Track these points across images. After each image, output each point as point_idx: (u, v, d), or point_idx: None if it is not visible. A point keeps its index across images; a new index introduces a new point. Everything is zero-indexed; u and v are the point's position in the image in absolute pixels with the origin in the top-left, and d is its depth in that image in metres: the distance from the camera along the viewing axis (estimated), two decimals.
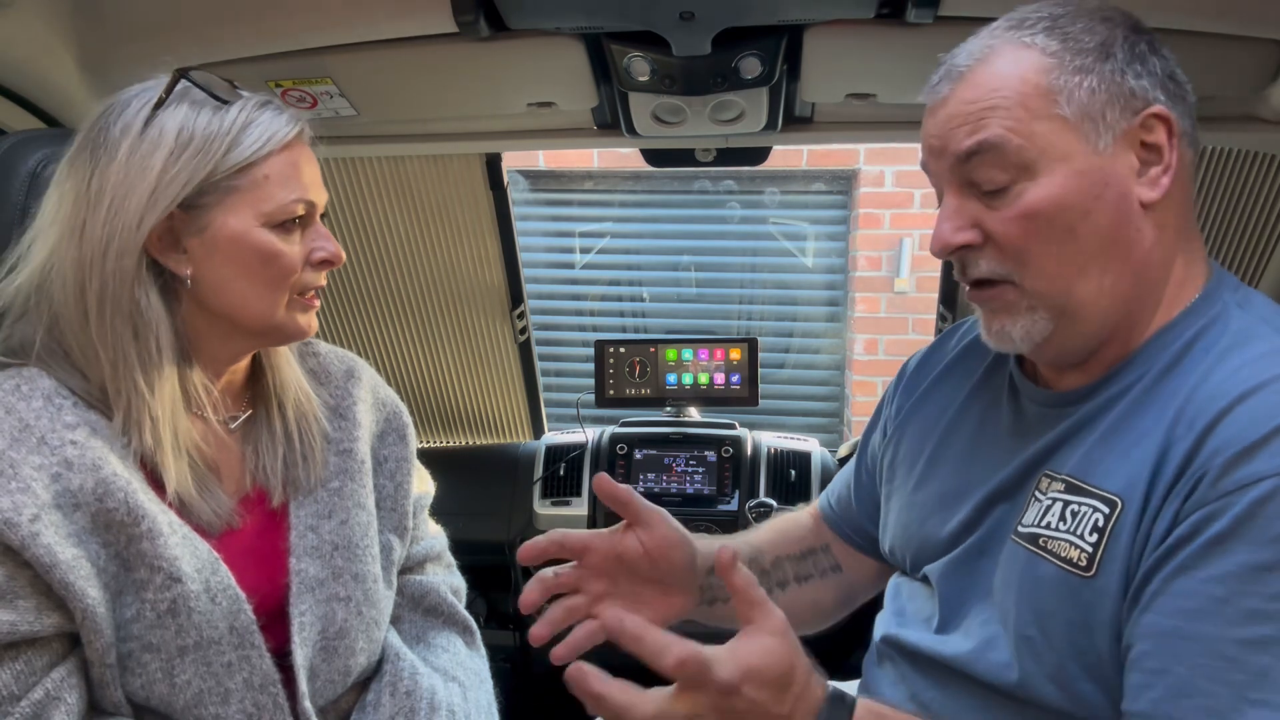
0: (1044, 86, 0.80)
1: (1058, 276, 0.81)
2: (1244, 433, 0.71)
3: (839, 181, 3.40)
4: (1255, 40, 1.15)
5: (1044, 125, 0.79)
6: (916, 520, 1.00)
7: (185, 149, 0.86)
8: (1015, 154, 0.79)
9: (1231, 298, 0.84)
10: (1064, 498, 0.83)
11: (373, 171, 1.85)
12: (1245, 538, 0.69)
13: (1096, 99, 0.80)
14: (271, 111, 0.91)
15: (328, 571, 1.00)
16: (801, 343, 3.50)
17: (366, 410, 1.10)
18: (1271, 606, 0.67)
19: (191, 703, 0.88)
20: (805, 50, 1.26)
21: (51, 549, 0.79)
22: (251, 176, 0.89)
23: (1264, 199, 1.56)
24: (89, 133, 0.89)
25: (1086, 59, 0.80)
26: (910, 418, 1.07)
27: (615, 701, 0.72)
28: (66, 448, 0.83)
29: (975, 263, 0.84)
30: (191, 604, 0.86)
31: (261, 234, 0.90)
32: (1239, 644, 0.68)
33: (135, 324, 0.87)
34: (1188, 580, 0.71)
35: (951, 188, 0.84)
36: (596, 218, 3.48)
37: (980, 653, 0.86)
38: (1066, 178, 0.79)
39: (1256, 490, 0.69)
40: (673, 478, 1.95)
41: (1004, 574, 0.87)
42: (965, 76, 0.83)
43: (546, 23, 1.22)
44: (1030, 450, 0.88)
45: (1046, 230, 0.80)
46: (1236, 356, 0.77)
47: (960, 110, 0.82)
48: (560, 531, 0.95)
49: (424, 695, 1.04)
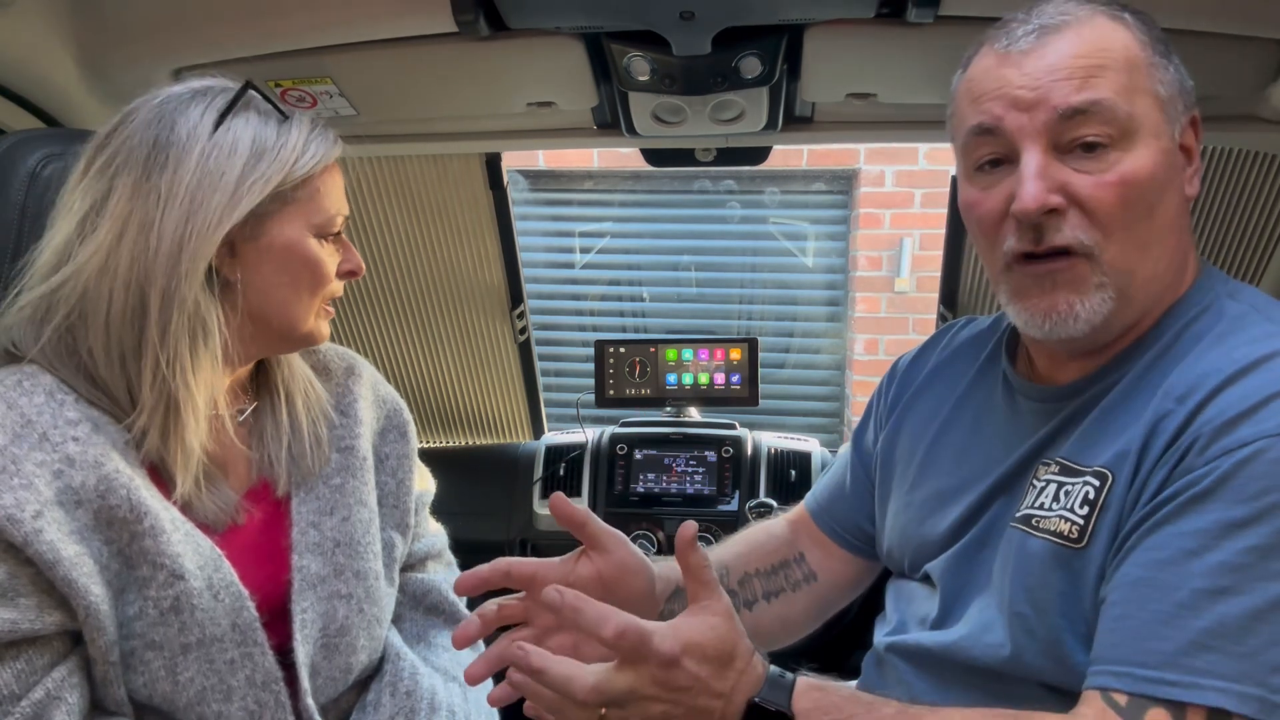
0: (1144, 60, 0.80)
1: (1132, 252, 0.80)
2: (1235, 404, 0.72)
3: (839, 181, 3.40)
4: (1255, 40, 1.15)
5: (1143, 99, 0.79)
6: (914, 520, 1.00)
7: (261, 158, 0.89)
8: (1124, 120, 0.78)
9: (1223, 289, 0.85)
10: (1058, 479, 0.83)
11: (373, 171, 1.85)
12: (1223, 496, 0.70)
13: (1174, 87, 0.81)
14: (321, 129, 0.96)
15: (329, 568, 1.00)
16: (802, 343, 3.50)
17: (367, 407, 1.10)
18: (1238, 560, 0.68)
19: (194, 700, 0.88)
20: (805, 50, 1.26)
21: (54, 546, 0.79)
22: (309, 189, 0.93)
23: (1264, 199, 1.56)
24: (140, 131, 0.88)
25: (1161, 48, 0.82)
26: (904, 418, 1.06)
27: (556, 674, 0.72)
28: (68, 444, 0.83)
29: (1058, 228, 0.79)
30: (194, 601, 0.87)
31: (311, 243, 0.94)
32: (1201, 593, 0.69)
33: (194, 325, 0.88)
34: (1161, 534, 0.73)
35: (1038, 145, 0.79)
36: (596, 218, 3.48)
37: (976, 637, 0.86)
38: (1157, 153, 0.79)
39: (1240, 453, 0.70)
40: (673, 478, 1.95)
41: (1001, 560, 0.87)
42: (1063, 31, 0.80)
43: (546, 22, 1.22)
44: (1027, 445, 0.89)
45: (1137, 201, 0.78)
46: (1230, 340, 0.78)
47: (1065, 63, 0.78)
48: (505, 560, 0.89)
49: (424, 695, 1.04)
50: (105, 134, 0.90)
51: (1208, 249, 1.68)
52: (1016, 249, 0.82)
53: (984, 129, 0.82)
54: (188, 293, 0.87)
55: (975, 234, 0.88)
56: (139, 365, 0.87)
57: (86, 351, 0.87)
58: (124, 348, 0.87)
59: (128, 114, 0.91)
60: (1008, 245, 0.82)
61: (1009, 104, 0.80)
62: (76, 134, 1.00)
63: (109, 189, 0.88)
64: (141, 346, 0.87)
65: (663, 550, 1.87)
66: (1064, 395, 0.88)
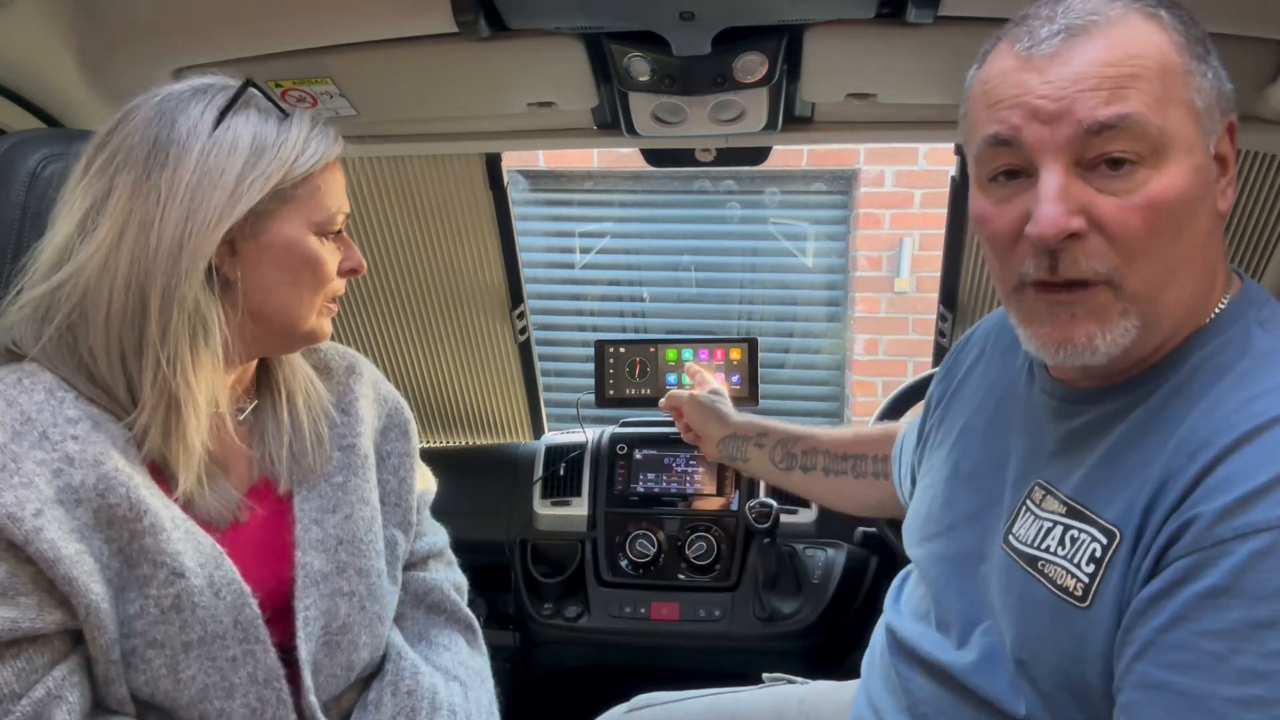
0: (1180, 67, 0.71)
1: (1157, 278, 0.73)
2: (1244, 477, 0.67)
3: (839, 181, 3.40)
4: (1255, 40, 1.15)
5: (1177, 111, 0.71)
6: (934, 495, 1.00)
7: (261, 156, 0.88)
8: (1155, 136, 0.70)
9: (1255, 315, 0.78)
10: (1064, 521, 0.80)
11: (373, 171, 1.85)
12: (1243, 592, 0.65)
13: (1212, 94, 0.73)
14: (321, 127, 0.95)
15: (332, 566, 1.00)
16: (802, 343, 3.50)
17: (368, 406, 1.11)
18: (1267, 665, 0.64)
19: (196, 698, 0.88)
20: (805, 50, 1.26)
21: (55, 544, 0.79)
22: (309, 187, 0.93)
23: (1264, 199, 1.57)
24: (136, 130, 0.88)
25: (1200, 48, 0.73)
26: (964, 385, 1.05)
27: None
28: (68, 443, 0.83)
29: (1074, 259, 0.72)
30: (195, 599, 0.86)
31: (311, 242, 0.94)
32: (1232, 703, 0.65)
33: (194, 324, 0.88)
34: (1182, 632, 0.68)
35: (1060, 162, 0.72)
36: (596, 218, 3.48)
37: (979, 665, 0.85)
38: (1188, 171, 0.72)
39: (1255, 541, 0.65)
40: (673, 478, 1.95)
41: (1001, 588, 0.85)
42: (1092, 33, 0.71)
43: (546, 23, 1.22)
44: (1030, 444, 0.87)
45: (1164, 225, 0.71)
46: (1250, 384, 0.72)
47: (1093, 71, 0.70)
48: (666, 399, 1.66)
49: (425, 695, 1.04)
50: (105, 132, 0.90)
51: None
52: (1032, 276, 0.75)
53: (1000, 140, 0.75)
54: (188, 291, 0.87)
55: (986, 249, 0.82)
56: (140, 364, 0.87)
57: (87, 350, 0.87)
58: (124, 346, 0.87)
59: (128, 112, 0.90)
60: (1023, 269, 0.76)
61: (1029, 114, 0.72)
62: (77, 134, 1.00)
63: (109, 188, 0.87)
64: (142, 345, 0.87)
65: (663, 550, 1.87)
66: (1080, 399, 0.83)
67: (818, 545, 1.86)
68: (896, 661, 0.97)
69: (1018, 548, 0.84)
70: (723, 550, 1.85)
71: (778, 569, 1.80)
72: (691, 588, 1.85)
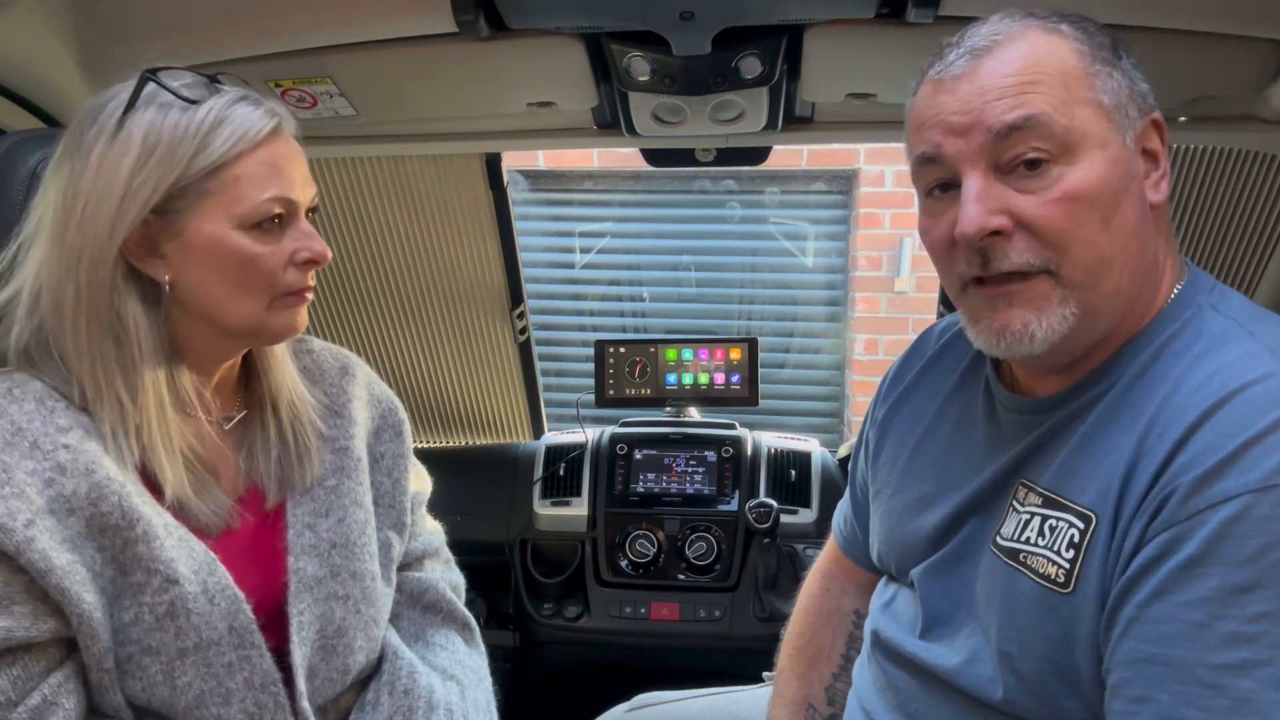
0: (1081, 70, 0.78)
1: (1093, 266, 0.78)
2: (1213, 448, 0.70)
3: (839, 181, 3.40)
4: (1255, 40, 1.15)
5: (1084, 110, 0.77)
6: (897, 525, 1.00)
7: (151, 154, 0.84)
8: (1062, 134, 0.76)
9: (1206, 299, 0.82)
10: (1042, 511, 0.82)
11: (373, 171, 1.85)
12: (1219, 559, 0.67)
13: (1121, 93, 0.79)
14: (246, 107, 0.87)
15: (326, 570, 1.00)
16: (802, 343, 3.50)
17: (362, 407, 1.10)
18: (1250, 629, 0.66)
19: (193, 704, 0.88)
20: (805, 50, 1.26)
21: (47, 554, 0.79)
22: (223, 178, 0.86)
23: (1264, 199, 1.56)
24: (69, 137, 0.88)
25: (1107, 53, 0.80)
26: (890, 421, 1.06)
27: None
28: (59, 452, 0.83)
29: (1004, 253, 0.78)
30: (189, 605, 0.86)
31: (236, 237, 0.87)
32: (1220, 669, 0.67)
33: (115, 331, 0.86)
34: (1163, 605, 0.70)
35: (978, 169, 0.78)
36: (596, 218, 3.47)
37: (965, 666, 0.86)
38: (1105, 164, 0.77)
39: (1227, 509, 0.67)
40: (673, 478, 1.95)
41: (985, 586, 0.86)
42: (994, 52, 0.79)
43: (546, 22, 1.22)
44: (1005, 458, 0.88)
45: (1087, 215, 0.77)
46: (1209, 362, 0.76)
47: (996, 84, 0.77)
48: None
49: (422, 694, 1.04)
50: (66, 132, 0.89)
51: (1207, 250, 1.68)
52: (967, 274, 0.81)
53: (927, 158, 0.82)
54: (99, 299, 0.85)
55: (933, 259, 0.87)
56: (80, 369, 0.86)
57: (59, 355, 0.87)
58: (76, 348, 0.86)
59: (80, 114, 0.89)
60: (961, 270, 0.82)
61: (945, 130, 0.79)
62: None
63: (45, 199, 0.88)
64: (77, 351, 0.86)
65: (663, 550, 1.87)
66: (1044, 408, 0.86)
67: (818, 545, 1.85)
68: (884, 662, 0.97)
69: (1002, 545, 0.85)
70: (723, 550, 1.85)
71: (778, 569, 1.80)
72: (691, 588, 1.85)
